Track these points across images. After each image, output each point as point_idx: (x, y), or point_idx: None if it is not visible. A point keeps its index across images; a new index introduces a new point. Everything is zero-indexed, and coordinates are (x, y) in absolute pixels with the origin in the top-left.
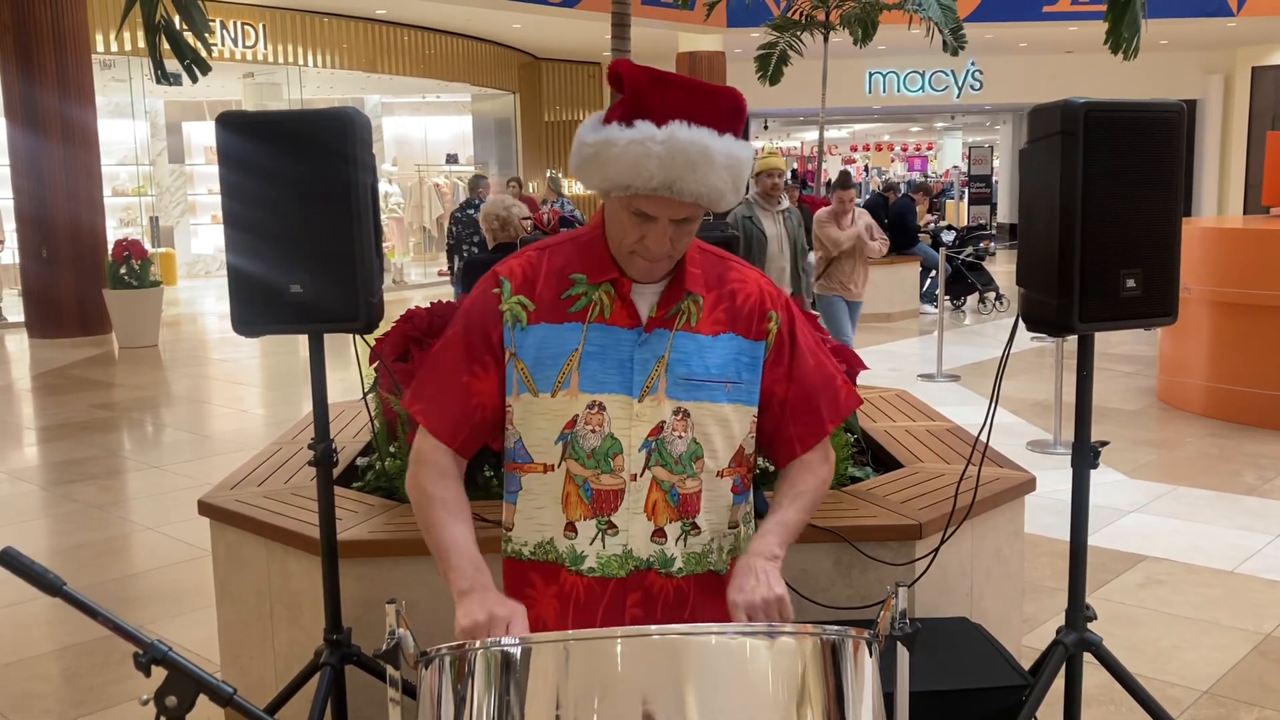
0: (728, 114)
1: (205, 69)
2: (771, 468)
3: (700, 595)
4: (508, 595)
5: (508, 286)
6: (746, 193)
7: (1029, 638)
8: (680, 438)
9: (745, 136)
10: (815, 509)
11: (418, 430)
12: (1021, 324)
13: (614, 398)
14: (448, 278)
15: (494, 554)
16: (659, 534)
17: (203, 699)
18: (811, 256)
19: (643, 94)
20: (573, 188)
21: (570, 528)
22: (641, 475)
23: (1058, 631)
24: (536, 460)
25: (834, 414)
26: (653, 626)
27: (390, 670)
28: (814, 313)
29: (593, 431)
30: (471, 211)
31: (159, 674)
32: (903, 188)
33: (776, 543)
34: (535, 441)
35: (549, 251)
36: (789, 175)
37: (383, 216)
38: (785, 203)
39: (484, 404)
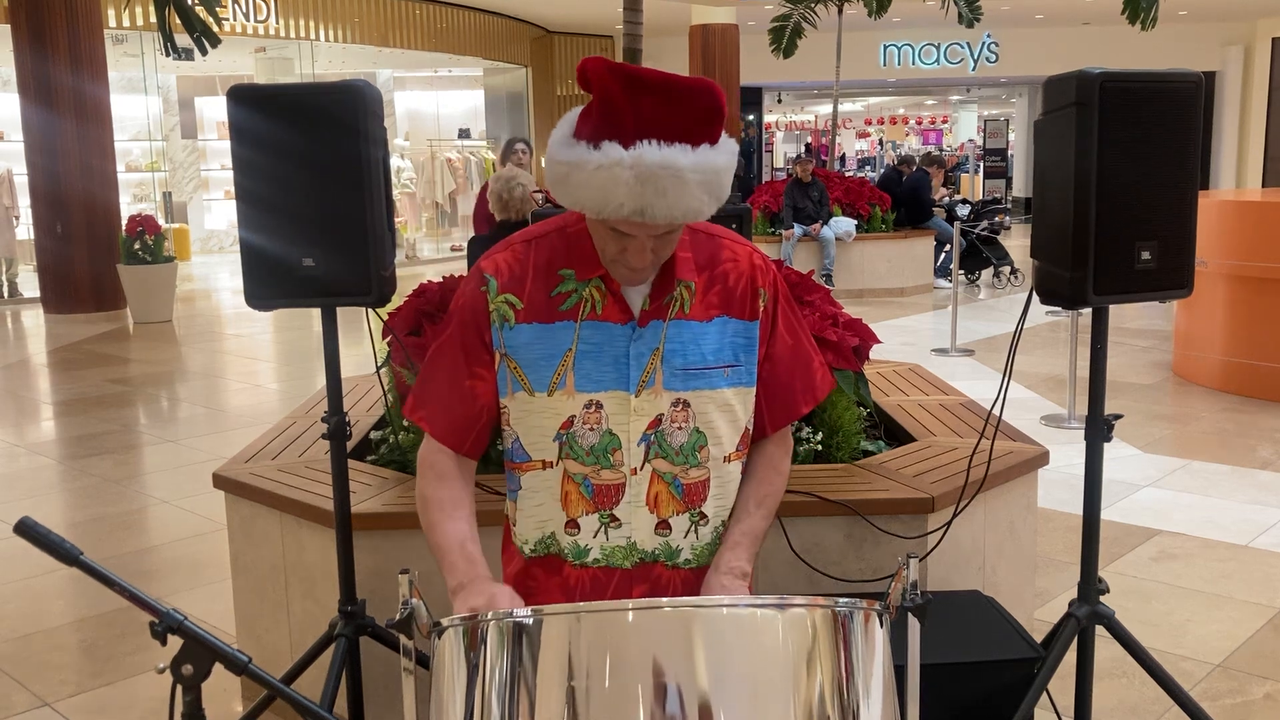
0: (703, 119)
1: (215, 42)
2: None
3: None
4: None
5: (494, 285)
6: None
7: (1041, 611)
8: (680, 429)
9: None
10: (775, 511)
11: (423, 437)
12: (1036, 298)
13: (611, 395)
14: (461, 253)
15: (493, 537)
16: (663, 526)
17: (219, 668)
18: None
19: (611, 104)
20: None
21: (572, 524)
22: (641, 469)
23: (1070, 604)
24: (535, 458)
25: (808, 396)
26: (664, 599)
27: (404, 640)
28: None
29: (590, 430)
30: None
31: (175, 643)
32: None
33: (746, 557)
34: (533, 440)
35: (535, 244)
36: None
37: (395, 192)
38: None
39: (489, 405)
